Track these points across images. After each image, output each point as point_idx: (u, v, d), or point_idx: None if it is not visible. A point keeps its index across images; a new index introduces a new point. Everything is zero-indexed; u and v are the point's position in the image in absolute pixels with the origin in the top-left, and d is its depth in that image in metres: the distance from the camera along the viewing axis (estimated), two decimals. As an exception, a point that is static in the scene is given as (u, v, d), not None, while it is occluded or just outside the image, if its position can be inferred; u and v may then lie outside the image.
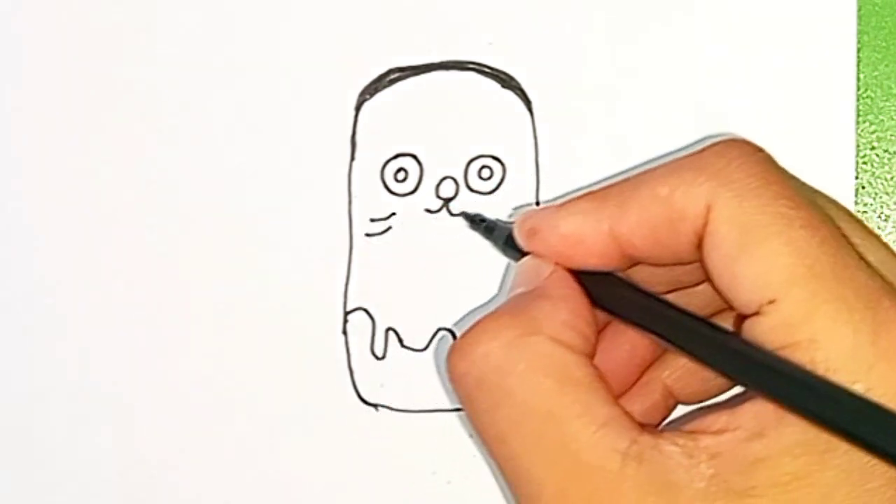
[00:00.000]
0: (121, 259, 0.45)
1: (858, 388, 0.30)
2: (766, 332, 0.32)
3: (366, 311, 0.45)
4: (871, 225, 0.45)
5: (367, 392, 0.45)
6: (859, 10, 0.44)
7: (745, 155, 0.33)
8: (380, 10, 0.45)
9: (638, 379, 0.38)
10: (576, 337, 0.34)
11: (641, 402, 0.38)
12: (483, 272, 0.44)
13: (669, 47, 0.45)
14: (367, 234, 0.45)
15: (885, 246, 0.35)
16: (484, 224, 0.41)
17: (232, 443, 0.45)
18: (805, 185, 0.35)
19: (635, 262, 0.35)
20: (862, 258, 0.32)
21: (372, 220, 0.45)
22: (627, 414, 0.33)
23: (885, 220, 0.45)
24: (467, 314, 0.45)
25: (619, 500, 0.31)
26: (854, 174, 0.45)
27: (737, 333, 0.33)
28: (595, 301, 0.35)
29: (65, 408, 0.45)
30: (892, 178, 0.45)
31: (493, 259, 0.44)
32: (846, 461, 0.30)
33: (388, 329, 0.45)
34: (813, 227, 0.32)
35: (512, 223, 0.37)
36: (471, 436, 0.45)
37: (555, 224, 0.35)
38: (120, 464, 0.45)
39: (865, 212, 0.45)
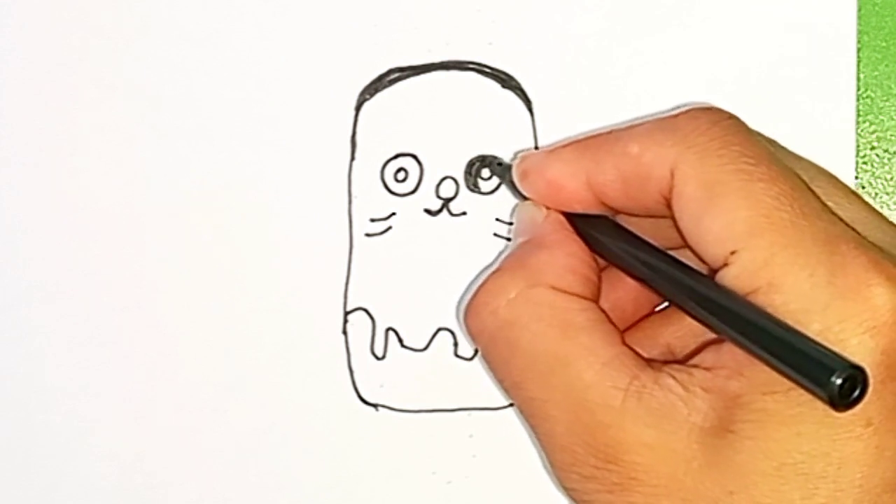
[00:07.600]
0: (120, 259, 0.45)
1: (815, 326, 0.31)
2: (731, 282, 0.33)
3: (366, 311, 0.45)
4: (871, 225, 0.45)
5: (367, 392, 0.45)
6: (859, 10, 0.44)
7: (713, 120, 0.35)
8: (380, 10, 0.45)
9: (647, 315, 0.40)
10: (575, 281, 0.36)
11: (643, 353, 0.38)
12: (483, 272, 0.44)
13: (669, 47, 0.45)
14: (367, 234, 0.45)
15: (864, 204, 0.36)
16: (500, 166, 0.43)
17: (232, 442, 0.45)
18: (780, 147, 0.36)
19: (615, 212, 0.37)
20: (829, 210, 0.34)
21: (372, 220, 0.45)
22: (631, 351, 0.35)
23: (885, 220, 0.45)
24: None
25: (621, 433, 0.33)
26: (854, 174, 0.45)
27: (707, 277, 0.34)
28: (586, 243, 0.37)
29: (65, 407, 0.45)
30: (892, 178, 0.45)
31: (492, 259, 0.44)
32: (810, 398, 0.31)
33: (388, 329, 0.45)
34: (771, 180, 0.33)
35: None
36: (471, 436, 0.45)
37: (541, 168, 0.37)
38: (120, 464, 0.45)
39: (865, 212, 0.45)
